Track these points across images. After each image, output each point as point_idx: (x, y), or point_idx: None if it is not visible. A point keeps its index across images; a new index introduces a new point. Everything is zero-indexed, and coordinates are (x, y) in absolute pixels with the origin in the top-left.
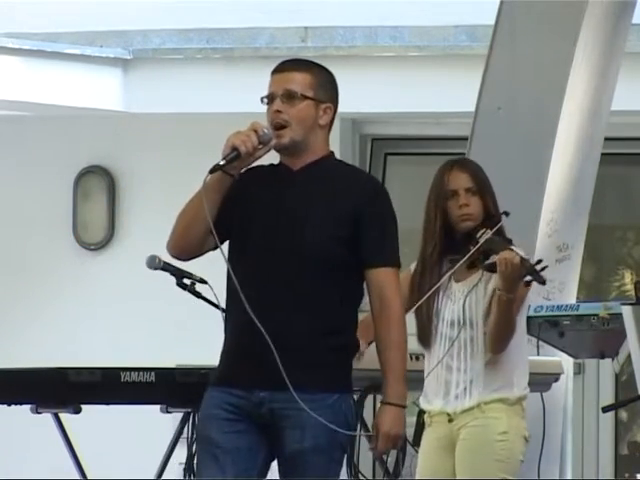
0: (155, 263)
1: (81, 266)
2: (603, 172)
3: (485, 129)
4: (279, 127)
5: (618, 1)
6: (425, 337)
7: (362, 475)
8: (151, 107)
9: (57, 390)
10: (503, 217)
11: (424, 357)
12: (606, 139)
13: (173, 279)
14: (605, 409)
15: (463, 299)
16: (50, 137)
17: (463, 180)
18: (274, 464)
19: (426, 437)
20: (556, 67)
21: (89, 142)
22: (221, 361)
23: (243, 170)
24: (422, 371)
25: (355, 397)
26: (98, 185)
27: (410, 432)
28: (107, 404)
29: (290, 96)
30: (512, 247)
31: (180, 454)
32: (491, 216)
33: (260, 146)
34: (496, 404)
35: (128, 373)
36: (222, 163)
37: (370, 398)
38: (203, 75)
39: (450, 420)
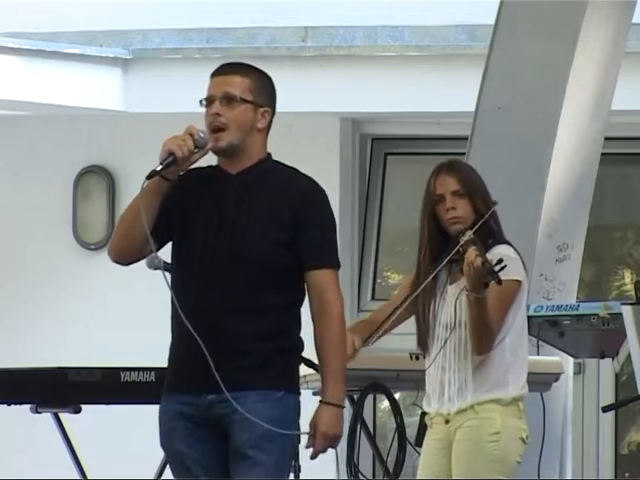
0: (155, 263)
1: (81, 266)
2: (603, 172)
3: (485, 129)
4: (217, 130)
5: (618, 1)
6: (423, 341)
7: (362, 475)
8: (151, 107)
9: (57, 390)
10: (498, 213)
11: (424, 357)
12: (606, 139)
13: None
14: (605, 409)
15: (454, 301)
16: (50, 137)
17: (449, 184)
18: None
19: (427, 438)
20: (556, 67)
21: (89, 142)
22: (168, 368)
23: (181, 173)
24: (422, 371)
25: (355, 397)
26: (98, 185)
27: (410, 432)
28: (107, 404)
29: (229, 99)
30: (474, 247)
31: None
32: (481, 217)
33: (196, 150)
34: (490, 405)
35: (128, 373)
36: (159, 169)
37: (370, 398)
38: (203, 75)
39: (447, 421)
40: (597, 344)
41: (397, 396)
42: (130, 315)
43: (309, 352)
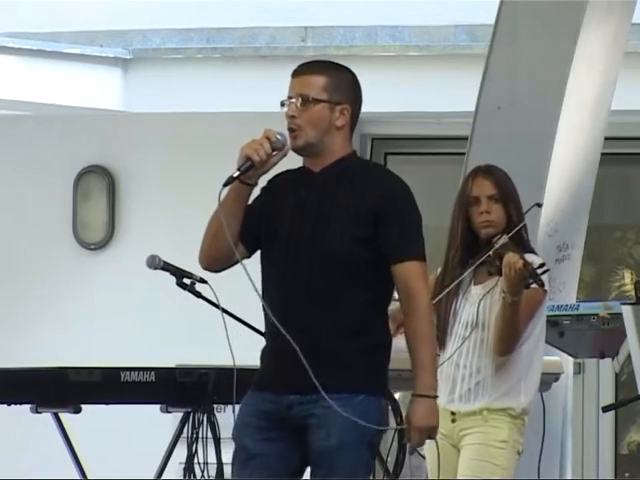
0: (155, 263)
1: (81, 266)
2: (603, 172)
3: (485, 129)
4: (294, 131)
5: (618, 1)
6: (441, 338)
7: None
8: (151, 107)
9: (57, 390)
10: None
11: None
12: (606, 139)
13: (173, 279)
14: (605, 409)
15: (478, 301)
16: (50, 137)
17: (486, 187)
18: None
19: None
20: (556, 67)
21: (89, 142)
22: (260, 365)
23: (271, 177)
24: None
25: (397, 396)
26: (98, 185)
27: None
28: (107, 404)
29: (303, 100)
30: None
31: (180, 454)
32: (513, 223)
33: (274, 152)
34: (500, 414)
35: (128, 373)
36: (235, 175)
37: None
38: (203, 75)
39: (453, 420)
40: (597, 344)
41: (397, 396)
42: (130, 315)
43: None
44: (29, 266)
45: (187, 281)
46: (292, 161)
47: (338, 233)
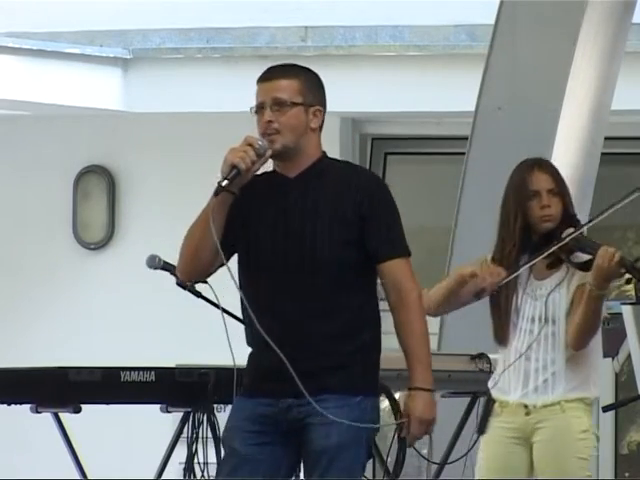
0: (155, 262)
1: (81, 266)
2: (603, 172)
3: (485, 129)
4: (270, 135)
5: (618, 1)
6: (503, 334)
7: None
8: (151, 107)
9: (57, 390)
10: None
11: None
12: (606, 139)
13: (173, 279)
14: (605, 409)
15: (546, 296)
16: (50, 137)
17: (545, 181)
18: None
19: (496, 425)
20: (556, 67)
21: (89, 142)
22: (247, 371)
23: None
24: None
25: (397, 395)
26: (98, 185)
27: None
28: (107, 404)
29: (279, 104)
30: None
31: (180, 454)
32: (570, 216)
33: (257, 159)
34: (576, 403)
35: (128, 373)
36: (224, 184)
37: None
38: (203, 75)
39: (527, 413)
40: None
41: (397, 396)
42: (130, 315)
43: None
44: (29, 266)
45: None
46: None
47: (326, 238)
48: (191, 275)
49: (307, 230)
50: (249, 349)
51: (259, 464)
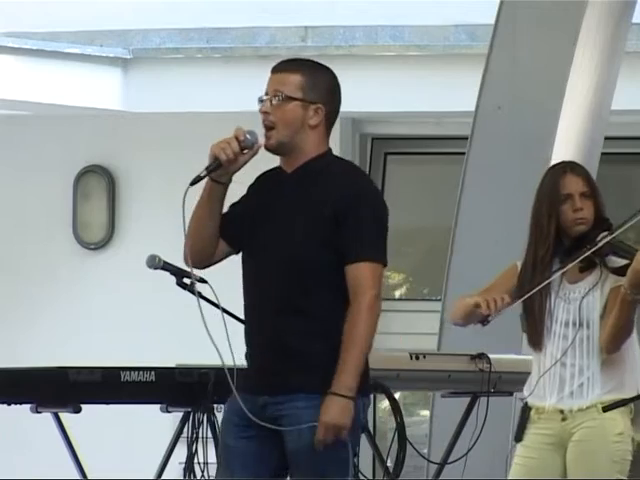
0: (155, 262)
1: (81, 266)
2: (603, 172)
3: (485, 129)
4: (267, 128)
5: (618, 1)
6: (537, 338)
7: (362, 475)
8: (151, 107)
9: (57, 390)
10: None
11: (424, 357)
12: (606, 139)
13: (173, 279)
14: (605, 409)
15: (580, 300)
16: (50, 136)
17: (578, 184)
18: None
19: (532, 432)
20: (556, 67)
21: (89, 142)
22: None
23: (258, 175)
24: (421, 371)
25: (397, 395)
26: (98, 185)
27: (411, 432)
28: (107, 404)
29: (277, 98)
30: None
31: (180, 454)
32: (602, 220)
33: (245, 151)
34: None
35: (128, 373)
36: (203, 174)
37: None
38: (203, 75)
39: (563, 418)
40: None
41: (397, 396)
42: (130, 315)
43: None
44: (29, 266)
45: (187, 281)
46: (274, 159)
47: (303, 236)
48: (195, 261)
49: (289, 227)
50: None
51: (247, 458)
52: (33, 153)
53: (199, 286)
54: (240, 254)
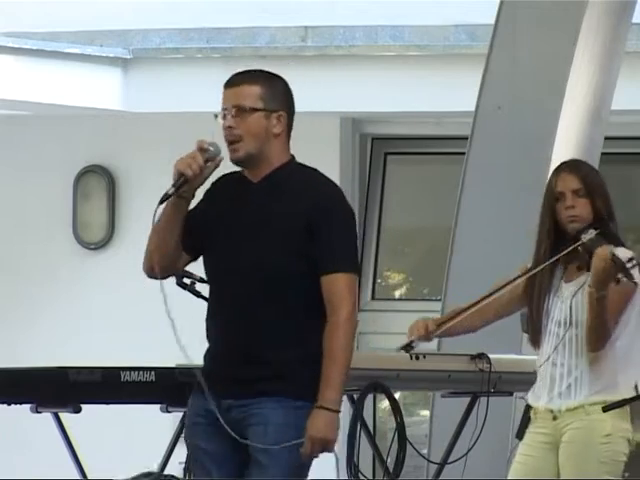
0: None
1: (81, 266)
2: (603, 172)
3: (485, 129)
4: (233, 142)
5: (618, 1)
6: (535, 337)
7: (362, 475)
8: (151, 107)
9: (57, 390)
10: None
11: (424, 357)
12: (606, 139)
13: (173, 278)
14: (605, 409)
15: (570, 298)
16: (50, 136)
17: (570, 182)
18: None
19: (531, 432)
20: (556, 67)
21: (89, 141)
22: (203, 367)
23: (214, 180)
24: (421, 371)
25: (355, 397)
26: (98, 185)
27: (411, 432)
28: (107, 404)
29: (240, 111)
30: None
31: (180, 454)
32: (602, 218)
33: (208, 164)
34: (600, 406)
35: (128, 373)
36: (170, 192)
37: (370, 397)
38: (203, 75)
39: (554, 418)
40: None
41: (397, 396)
42: (130, 315)
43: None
44: (29, 266)
45: (187, 281)
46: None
47: (274, 246)
48: (154, 271)
49: (257, 237)
50: None
51: (221, 457)
52: (33, 153)
53: (199, 286)
54: (203, 262)
